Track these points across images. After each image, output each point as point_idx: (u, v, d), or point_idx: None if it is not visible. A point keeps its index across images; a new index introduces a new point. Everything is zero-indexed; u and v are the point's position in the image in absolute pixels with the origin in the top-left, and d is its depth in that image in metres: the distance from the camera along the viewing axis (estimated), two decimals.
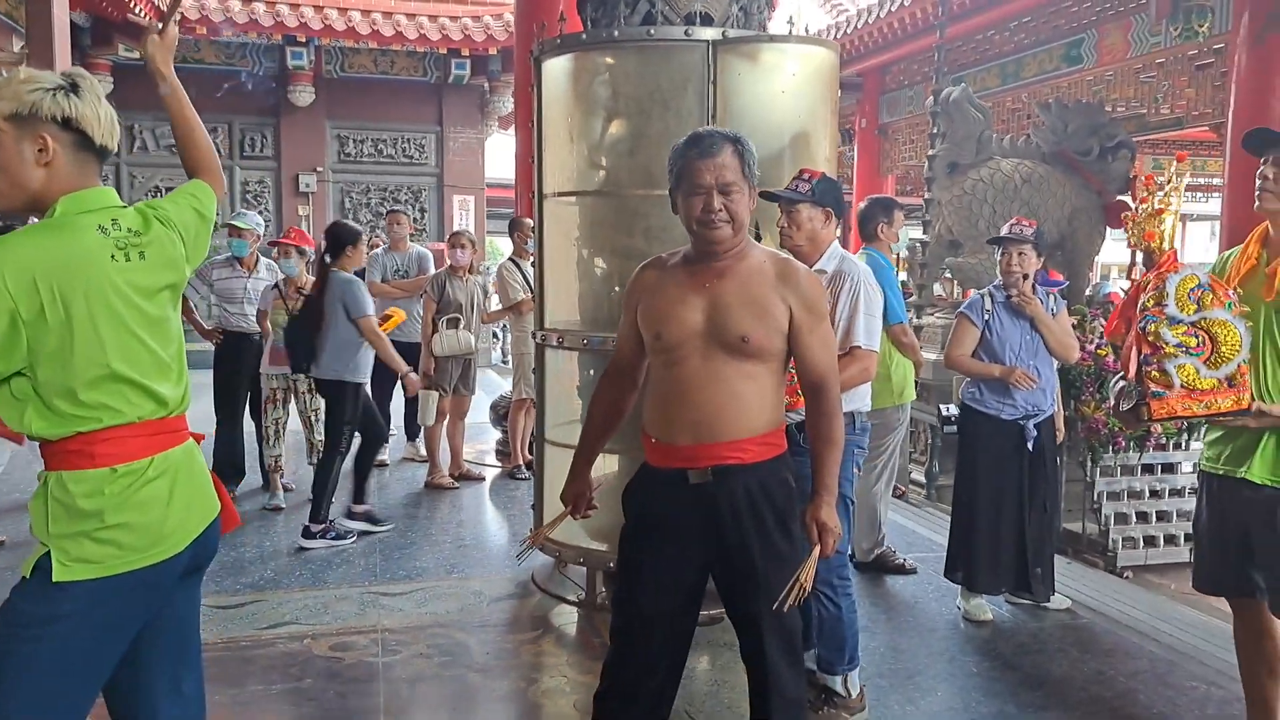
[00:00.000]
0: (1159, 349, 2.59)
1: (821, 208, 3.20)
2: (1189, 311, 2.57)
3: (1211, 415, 2.60)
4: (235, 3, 11.64)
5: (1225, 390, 2.56)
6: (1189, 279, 2.61)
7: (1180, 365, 2.56)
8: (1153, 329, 2.60)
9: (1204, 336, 2.56)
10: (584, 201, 4.22)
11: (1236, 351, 2.54)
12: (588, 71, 4.11)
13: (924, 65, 11.30)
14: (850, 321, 3.14)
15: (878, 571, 4.75)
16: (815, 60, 4.03)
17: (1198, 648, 3.94)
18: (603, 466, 4.36)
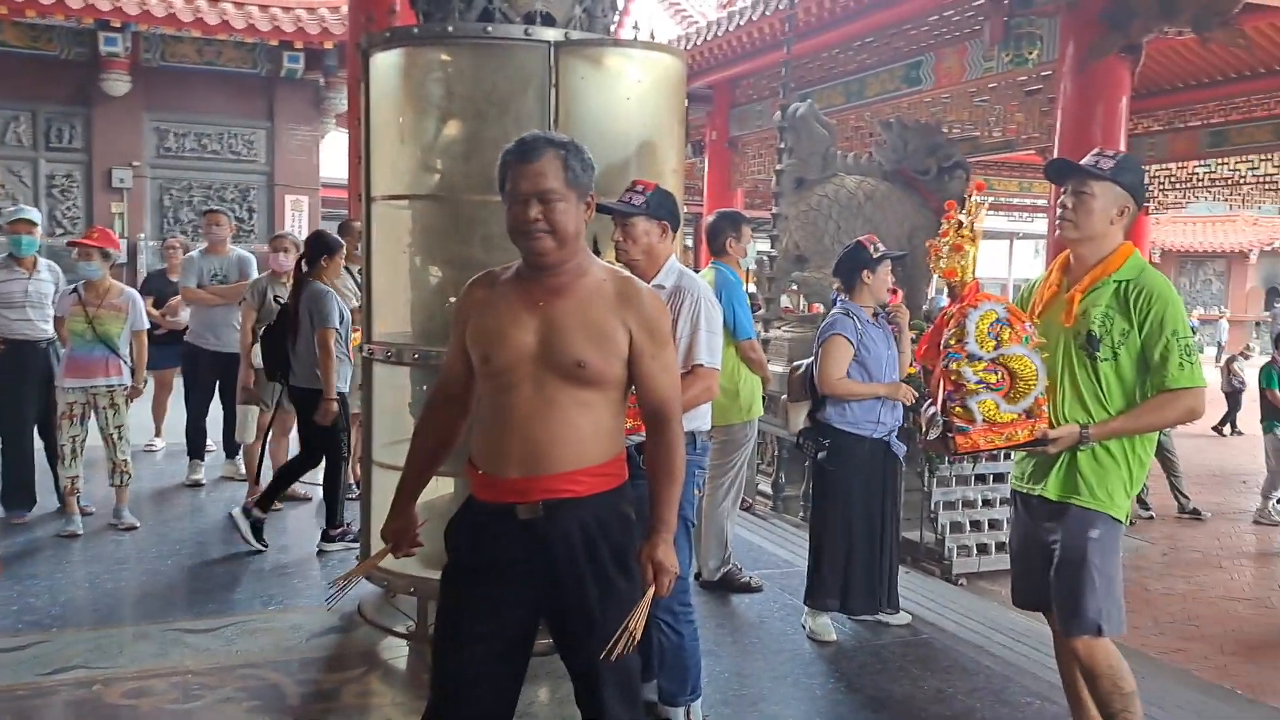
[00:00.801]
0: (961, 387, 2.68)
1: (658, 220, 3.08)
2: (988, 348, 2.66)
3: (1011, 446, 2.71)
4: None
5: (1024, 422, 2.67)
6: (988, 314, 2.68)
7: (982, 401, 2.66)
8: (955, 367, 2.69)
9: (1003, 372, 2.66)
10: (416, 206, 3.97)
11: (1033, 385, 2.64)
12: (420, 68, 3.85)
13: (772, 80, 11.46)
14: (692, 339, 3.03)
15: (724, 590, 4.65)
16: (661, 68, 3.90)
17: (1031, 659, 4.01)
18: (435, 489, 4.12)
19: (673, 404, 2.25)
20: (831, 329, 4.09)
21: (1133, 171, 2.75)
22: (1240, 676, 5.43)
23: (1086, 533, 2.72)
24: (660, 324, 2.22)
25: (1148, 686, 4.11)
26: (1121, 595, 2.80)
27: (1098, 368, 2.69)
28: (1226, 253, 26.80)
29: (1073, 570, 2.74)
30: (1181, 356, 2.61)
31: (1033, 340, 2.68)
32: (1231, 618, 6.39)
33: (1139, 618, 6.50)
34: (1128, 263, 2.71)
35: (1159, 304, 2.63)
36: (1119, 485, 2.74)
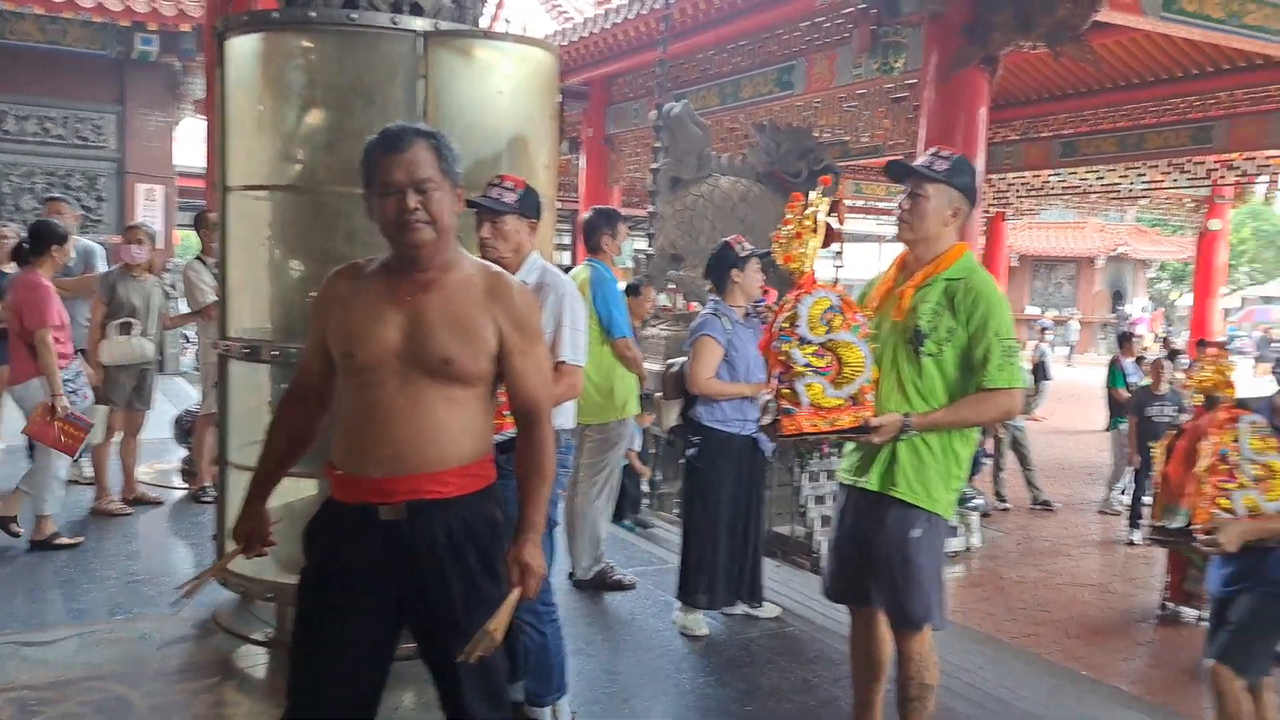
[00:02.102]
0: (790, 368, 2.73)
1: (527, 219, 3.05)
2: (819, 333, 2.71)
3: (836, 432, 2.76)
4: None
5: (849, 408, 2.72)
6: (822, 301, 2.74)
7: (809, 384, 2.71)
8: (785, 349, 2.74)
9: (831, 357, 2.72)
10: (276, 197, 3.81)
11: (859, 372, 2.71)
12: (280, 54, 3.70)
13: (649, 79, 11.52)
14: (555, 335, 2.98)
15: (597, 589, 4.64)
16: (534, 62, 3.85)
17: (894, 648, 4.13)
18: (297, 490, 3.97)
19: (544, 402, 2.22)
20: (701, 329, 4.12)
21: (966, 173, 2.82)
22: (1085, 659, 5.75)
23: (908, 531, 2.79)
24: (531, 320, 2.19)
25: (1001, 670, 4.33)
26: (942, 589, 2.88)
27: (921, 362, 2.76)
28: (1076, 258, 28.32)
29: (895, 566, 2.81)
30: (1001, 357, 2.68)
31: (862, 330, 2.75)
32: (1078, 603, 6.76)
33: (994, 605, 6.82)
34: (958, 263, 2.79)
35: (983, 305, 2.70)
36: (937, 481, 2.80)
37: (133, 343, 5.39)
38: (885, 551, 2.82)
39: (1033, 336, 15.14)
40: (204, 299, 5.64)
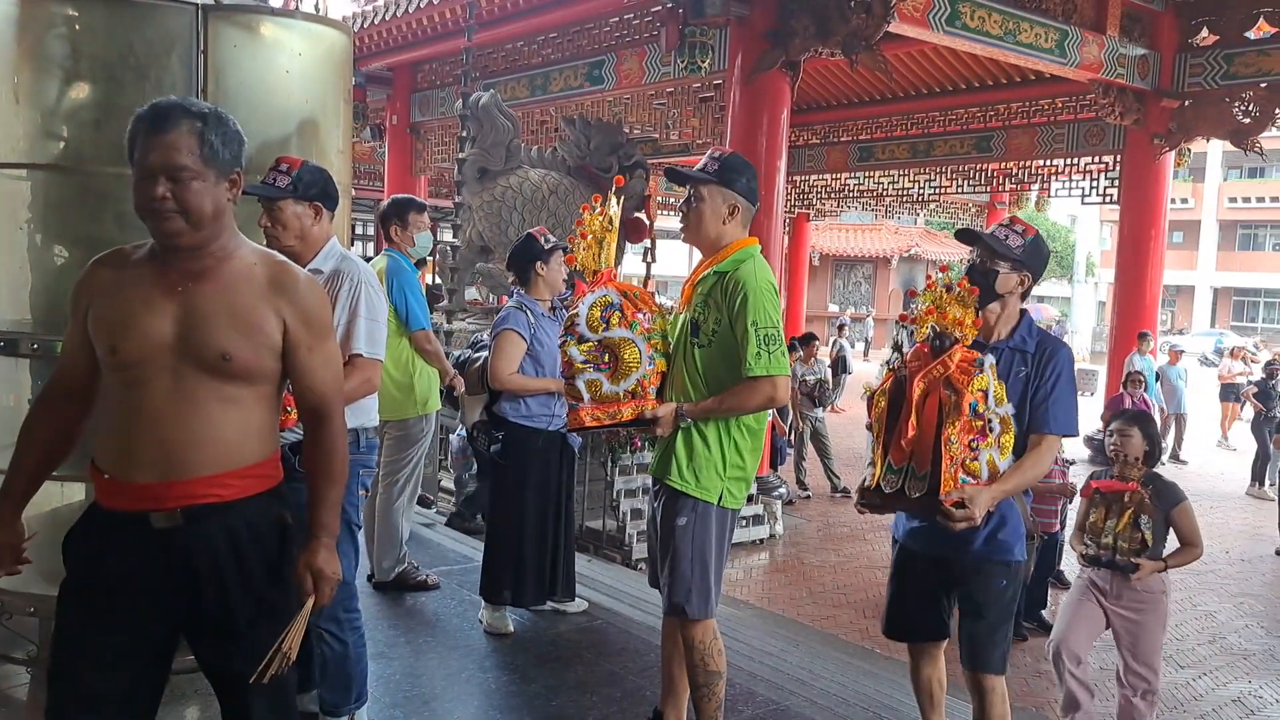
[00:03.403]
0: (571, 365, 2.82)
1: (309, 202, 2.87)
2: (598, 331, 2.79)
3: (617, 424, 2.84)
4: None
5: (628, 401, 2.80)
6: (603, 299, 2.81)
7: (589, 380, 2.79)
8: (566, 347, 2.83)
9: (609, 354, 2.80)
10: (36, 176, 3.48)
11: (635, 368, 2.79)
12: (39, 22, 3.38)
13: (456, 67, 11.31)
14: (349, 327, 2.83)
15: (399, 590, 4.51)
16: (325, 42, 3.68)
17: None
18: (63, 497, 3.67)
19: (334, 400, 2.12)
20: (504, 323, 4.05)
21: (739, 172, 2.87)
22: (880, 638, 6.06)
23: (675, 517, 2.85)
24: (319, 314, 2.08)
25: (802, 651, 4.50)
26: (715, 579, 2.88)
27: (695, 353, 2.83)
28: (873, 258, 29.88)
29: (666, 550, 2.87)
30: (758, 345, 2.73)
31: (642, 326, 2.81)
32: (873, 585, 7.11)
33: (796, 589, 7.09)
34: (731, 256, 2.85)
35: (742, 294, 2.75)
36: (708, 468, 2.83)
37: None
38: (661, 534, 2.90)
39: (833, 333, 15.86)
40: None
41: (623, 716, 3.45)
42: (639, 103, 10.35)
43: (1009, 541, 2.82)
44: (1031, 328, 2.86)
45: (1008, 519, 2.80)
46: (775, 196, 8.56)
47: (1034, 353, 2.80)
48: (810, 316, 20.93)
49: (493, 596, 4.15)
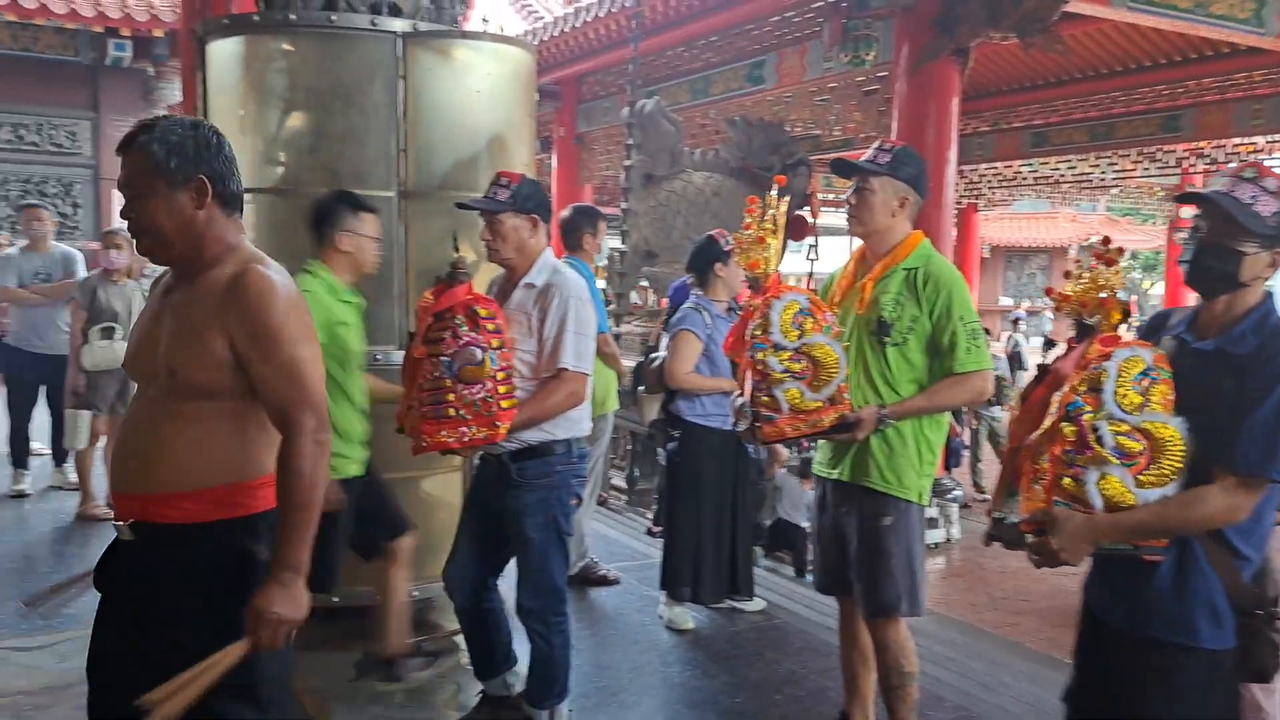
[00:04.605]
0: (767, 376, 2.71)
1: (526, 214, 2.95)
2: (792, 338, 2.70)
3: (817, 433, 2.76)
4: None
5: (828, 408, 2.71)
6: (791, 305, 2.74)
7: (787, 390, 2.69)
8: (761, 357, 2.72)
9: (807, 361, 2.70)
10: (260, 200, 3.81)
11: (835, 373, 2.70)
12: (261, 58, 3.71)
13: (619, 77, 11.53)
14: (557, 340, 2.89)
15: (581, 585, 4.67)
16: (512, 62, 3.88)
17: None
18: None
19: (296, 415, 1.90)
20: (681, 324, 4.14)
21: (910, 164, 2.85)
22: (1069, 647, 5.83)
23: (880, 519, 2.82)
24: (268, 323, 1.89)
25: (986, 659, 4.39)
26: (922, 576, 2.90)
27: (886, 352, 2.80)
28: (1049, 248, 28.58)
29: (869, 554, 2.84)
30: (968, 340, 2.73)
31: (834, 329, 2.75)
32: (1060, 592, 6.83)
33: (975, 595, 6.89)
34: (915, 251, 2.83)
35: (944, 290, 2.75)
36: (907, 468, 2.83)
37: (115, 347, 5.36)
38: (858, 541, 2.86)
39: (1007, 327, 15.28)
40: None
41: (807, 716, 3.47)
42: (800, 100, 10.29)
43: (1191, 618, 1.96)
44: (1265, 322, 1.94)
45: (1196, 585, 1.96)
46: (945, 188, 8.33)
47: (1251, 355, 1.91)
48: (981, 311, 20.13)
49: (673, 592, 4.25)
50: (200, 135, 1.93)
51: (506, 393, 2.75)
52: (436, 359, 2.71)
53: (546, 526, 2.96)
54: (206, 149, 1.92)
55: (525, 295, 2.96)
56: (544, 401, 2.86)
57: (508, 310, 2.93)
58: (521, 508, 2.95)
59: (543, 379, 2.90)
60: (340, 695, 3.40)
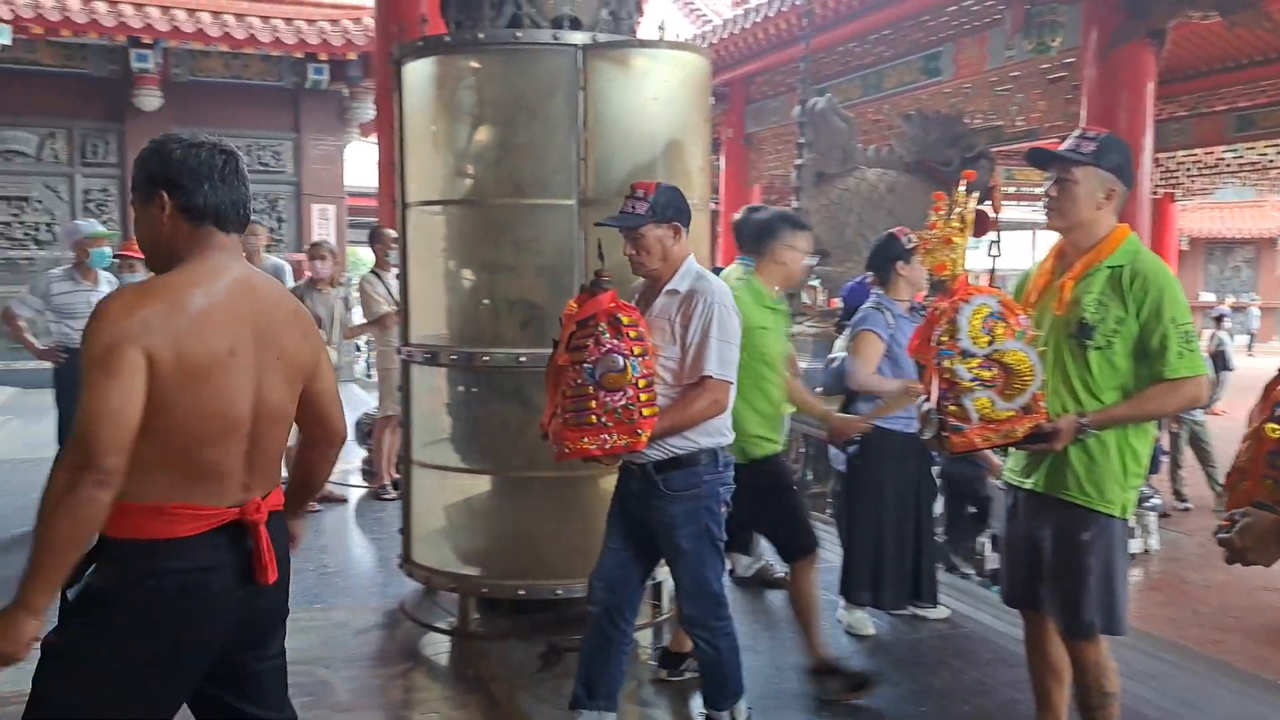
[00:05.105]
0: (955, 385, 2.57)
1: (668, 223, 2.87)
2: (982, 344, 2.56)
3: (1010, 443, 2.62)
4: (74, 1, 10.89)
5: (1021, 418, 2.56)
6: (981, 309, 2.59)
7: (977, 399, 2.56)
8: (948, 365, 2.58)
9: (998, 369, 2.55)
10: (450, 211, 4.03)
11: (1030, 381, 2.55)
12: (452, 76, 3.92)
13: (788, 76, 11.46)
14: (700, 347, 2.81)
15: (758, 587, 4.68)
16: (687, 67, 3.94)
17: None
18: (472, 487, 4.19)
19: (75, 436, 1.76)
20: (862, 324, 4.06)
21: (1116, 153, 2.66)
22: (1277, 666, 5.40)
23: (1078, 534, 2.64)
24: (87, 339, 1.80)
25: (1189, 677, 4.12)
26: (1123, 593, 2.71)
27: (1088, 357, 2.61)
28: (1255, 239, 26.48)
29: (1065, 570, 2.67)
30: (1181, 344, 2.52)
31: (1028, 334, 2.59)
32: (1269, 608, 6.35)
33: (1177, 609, 6.48)
34: (1121, 247, 2.63)
35: (1154, 290, 2.54)
36: (1110, 480, 2.64)
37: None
38: (1053, 555, 2.70)
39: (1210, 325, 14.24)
40: (379, 310, 5.99)
41: None
42: (980, 90, 9.96)
43: None
44: None
45: None
46: (1141, 178, 7.90)
47: None
48: None
49: (852, 597, 4.19)
50: (162, 150, 1.92)
51: (648, 400, 2.70)
52: (579, 366, 2.68)
53: (699, 536, 2.92)
54: (166, 163, 1.90)
55: (668, 302, 2.89)
56: (686, 409, 2.80)
57: (650, 317, 2.89)
58: (672, 520, 2.91)
59: (685, 386, 2.86)
60: (525, 685, 3.53)
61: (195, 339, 1.81)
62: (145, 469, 1.81)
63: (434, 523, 4.16)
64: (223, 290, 1.89)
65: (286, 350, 1.97)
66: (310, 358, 2.05)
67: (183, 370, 1.79)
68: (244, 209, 1.99)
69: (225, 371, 1.85)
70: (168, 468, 1.83)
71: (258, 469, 1.95)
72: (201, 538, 1.86)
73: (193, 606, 1.86)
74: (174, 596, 1.83)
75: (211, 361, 1.83)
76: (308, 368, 2.04)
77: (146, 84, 11.63)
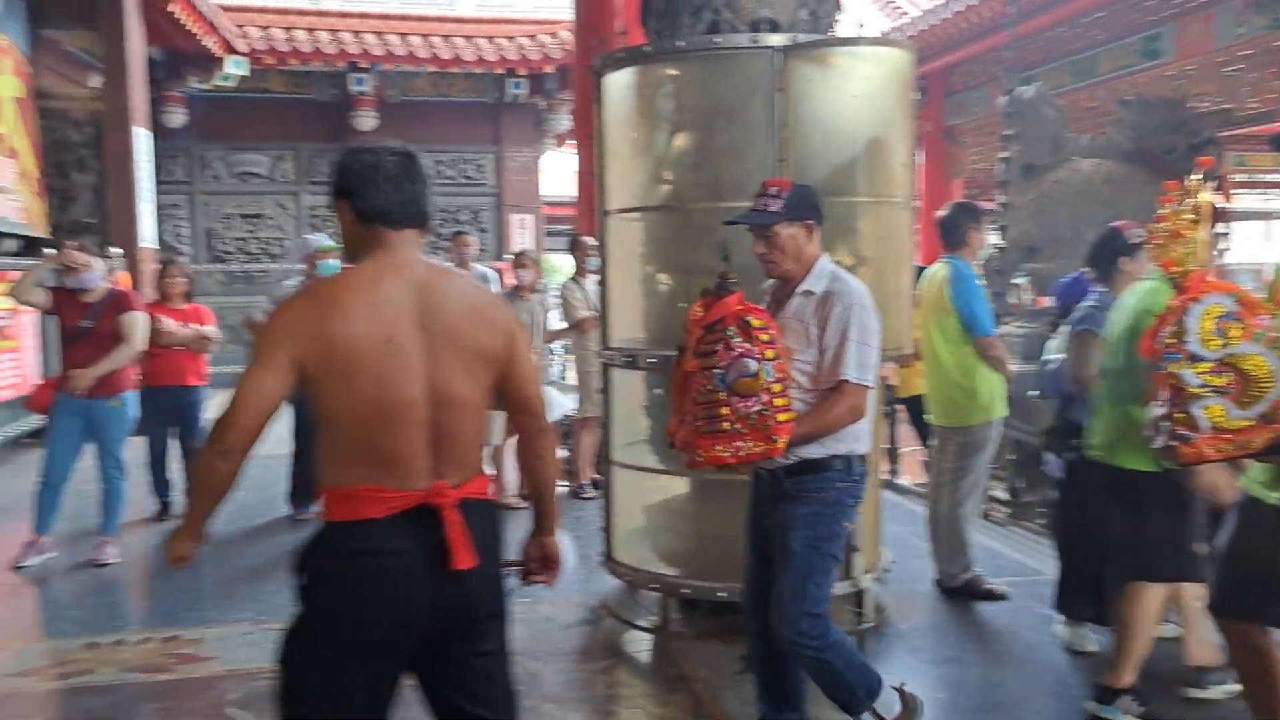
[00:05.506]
0: (1182, 391, 2.39)
1: (801, 222, 2.78)
2: (1214, 347, 2.36)
3: (1247, 454, 2.40)
4: (300, 32, 11.83)
5: (1260, 428, 2.34)
6: (1214, 308, 2.38)
7: (1207, 407, 2.35)
8: (1174, 370, 2.39)
9: (1233, 374, 2.34)
10: (648, 217, 4.10)
11: (1270, 387, 2.32)
12: (651, 84, 3.99)
13: (991, 65, 11.00)
14: (839, 350, 2.71)
15: (968, 598, 4.49)
16: (889, 63, 3.86)
17: None
18: (670, 488, 4.24)
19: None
20: (1084, 323, 3.84)
21: None
22: None
23: None
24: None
25: None
26: None
27: None
28: None
29: None
30: None
31: (1269, 335, 2.36)
32: None
33: None
34: None
35: None
36: None
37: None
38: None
39: None
40: (578, 315, 6.18)
41: None
42: (1205, 72, 9.23)
43: None
44: None
45: None
46: None
47: None
48: None
49: (1072, 612, 3.96)
50: (341, 162, 2.08)
51: (783, 405, 2.60)
52: (709, 372, 2.60)
53: (813, 543, 2.77)
54: (343, 174, 2.06)
55: (803, 303, 2.79)
56: (823, 415, 2.70)
57: (783, 319, 2.79)
58: (790, 520, 2.78)
59: (822, 391, 2.75)
60: (728, 686, 3.54)
61: (348, 332, 1.91)
62: (338, 456, 1.96)
63: (634, 522, 4.25)
64: (383, 284, 1.98)
65: (463, 339, 2.01)
66: (496, 348, 2.07)
67: (338, 362, 1.91)
68: (414, 207, 2.05)
69: (383, 359, 1.92)
70: (353, 453, 1.95)
71: (445, 455, 2.00)
72: (387, 521, 1.93)
73: (376, 587, 1.94)
74: (360, 576, 1.94)
75: (368, 351, 1.91)
76: (494, 357, 2.07)
77: (364, 105, 12.48)
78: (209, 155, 12.53)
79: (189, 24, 9.94)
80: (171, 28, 9.89)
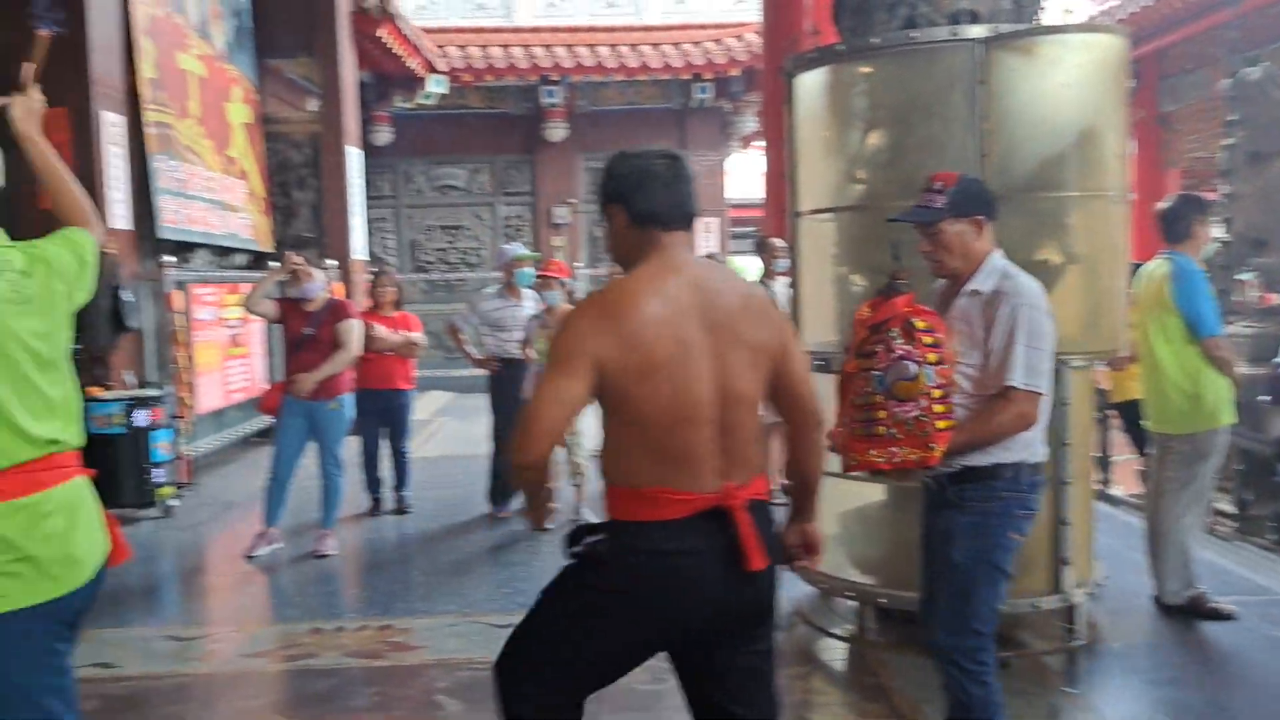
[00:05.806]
0: None
1: (969, 218, 2.63)
2: None
3: None
4: (496, 49, 12.35)
5: None
6: None
7: None
8: None
9: None
10: (841, 218, 4.03)
11: None
12: (843, 83, 3.92)
13: (1210, 46, 10.19)
14: (1005, 354, 2.55)
15: (1190, 617, 4.18)
16: (1101, 49, 3.65)
17: None
18: (865, 494, 4.14)
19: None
20: None
21: None
22: None
23: None
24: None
25: None
26: None
27: None
28: None
29: None
30: None
31: None
32: None
33: None
34: None
35: None
36: None
37: None
38: None
39: None
40: None
41: None
42: None
43: None
44: None
45: None
46: None
47: None
48: None
49: None
50: (610, 169, 2.15)
51: (943, 412, 2.48)
52: (868, 374, 2.53)
53: (978, 555, 2.61)
54: (612, 181, 2.14)
55: (970, 303, 2.64)
56: (987, 423, 2.55)
57: (949, 320, 2.64)
58: (953, 530, 2.63)
59: (987, 397, 2.58)
60: (929, 699, 3.42)
61: (641, 336, 1.94)
62: (628, 457, 2.01)
63: (829, 529, 4.17)
64: (667, 286, 2.01)
65: (742, 335, 2.03)
66: (772, 340, 2.08)
67: (633, 365, 1.94)
68: (684, 208, 2.11)
69: (675, 361, 1.95)
70: (646, 455, 1.98)
71: (732, 455, 2.01)
72: (685, 522, 1.97)
73: (668, 585, 1.98)
74: (652, 573, 1.98)
75: (660, 354, 1.95)
76: (772, 350, 2.08)
77: (554, 117, 12.89)
78: (412, 170, 13.26)
79: (395, 47, 10.57)
80: (380, 52, 10.54)
